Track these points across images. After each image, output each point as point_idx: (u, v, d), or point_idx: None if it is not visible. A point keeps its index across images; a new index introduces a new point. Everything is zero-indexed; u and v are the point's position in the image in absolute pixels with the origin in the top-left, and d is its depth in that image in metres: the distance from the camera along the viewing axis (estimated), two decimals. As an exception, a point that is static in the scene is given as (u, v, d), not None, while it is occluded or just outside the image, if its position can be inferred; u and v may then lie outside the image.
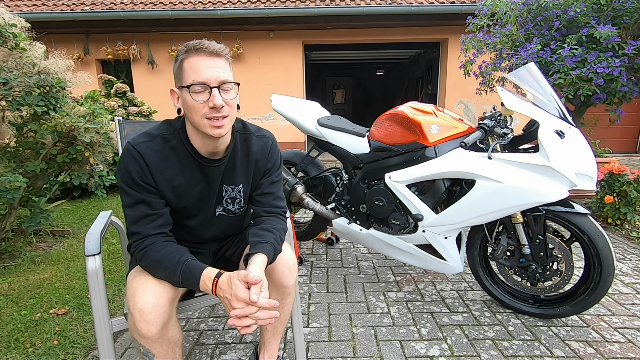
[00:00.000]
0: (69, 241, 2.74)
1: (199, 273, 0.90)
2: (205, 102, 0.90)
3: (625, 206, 2.73)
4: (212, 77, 0.89)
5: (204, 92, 0.90)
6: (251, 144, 1.10)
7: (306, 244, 2.64)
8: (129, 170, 0.94)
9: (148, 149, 0.96)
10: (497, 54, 3.49)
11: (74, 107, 2.46)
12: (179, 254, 0.94)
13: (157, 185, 0.98)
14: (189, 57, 0.90)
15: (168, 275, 0.93)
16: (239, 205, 1.14)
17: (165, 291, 0.93)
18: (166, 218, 1.01)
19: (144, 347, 0.92)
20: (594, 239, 1.46)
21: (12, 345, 1.52)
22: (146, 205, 0.97)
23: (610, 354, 1.42)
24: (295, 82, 6.61)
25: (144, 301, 0.89)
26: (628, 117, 6.42)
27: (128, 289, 0.94)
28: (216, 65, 0.90)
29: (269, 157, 1.13)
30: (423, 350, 1.46)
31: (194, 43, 0.90)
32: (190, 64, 0.90)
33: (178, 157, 1.00)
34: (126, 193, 0.96)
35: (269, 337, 1.23)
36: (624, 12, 2.71)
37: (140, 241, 0.96)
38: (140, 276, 0.95)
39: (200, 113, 0.91)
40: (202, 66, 0.89)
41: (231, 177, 1.09)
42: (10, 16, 2.30)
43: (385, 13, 5.80)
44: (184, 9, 5.84)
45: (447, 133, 1.65)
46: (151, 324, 0.89)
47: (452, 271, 1.73)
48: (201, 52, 0.90)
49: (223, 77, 0.91)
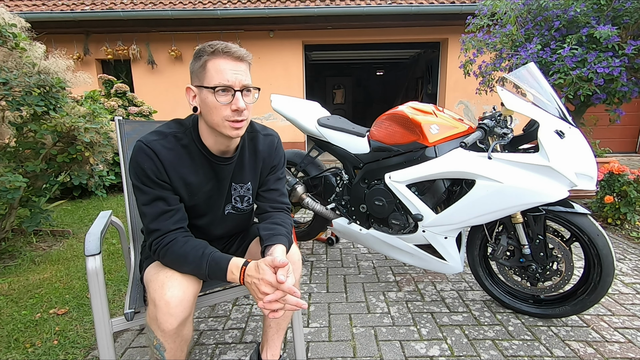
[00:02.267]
0: (69, 241, 2.74)
1: (225, 264, 0.93)
2: (228, 104, 0.92)
3: (625, 206, 2.73)
4: (236, 81, 0.92)
5: (227, 95, 0.92)
6: (258, 142, 1.13)
7: (306, 244, 2.64)
8: (144, 167, 0.95)
9: (161, 147, 0.97)
10: (497, 54, 3.49)
11: (74, 107, 2.46)
12: (202, 247, 0.96)
13: (171, 182, 0.99)
14: (215, 59, 0.91)
15: (194, 269, 0.94)
16: (247, 203, 1.17)
17: (191, 286, 0.96)
18: (183, 213, 1.02)
19: (158, 339, 0.93)
20: (594, 239, 1.46)
21: (12, 345, 1.52)
22: (163, 201, 0.98)
23: (610, 354, 1.42)
24: (295, 82, 6.61)
25: (171, 294, 0.90)
26: (628, 117, 6.43)
27: (154, 281, 0.95)
28: (240, 69, 0.93)
29: (275, 154, 1.17)
30: (423, 350, 1.46)
31: (221, 46, 0.91)
32: (215, 66, 0.91)
33: (190, 155, 1.01)
34: (142, 191, 0.97)
35: (271, 335, 1.23)
36: (624, 12, 2.71)
37: (161, 238, 0.97)
38: (166, 270, 0.96)
39: (222, 115, 0.93)
40: (227, 69, 0.91)
41: (240, 176, 1.12)
42: (10, 16, 2.30)
43: (385, 13, 5.80)
44: (184, 9, 5.84)
45: (447, 133, 1.65)
46: (174, 318, 0.90)
47: (452, 271, 1.73)
48: (228, 55, 0.91)
49: (246, 82, 0.94)
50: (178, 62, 6.52)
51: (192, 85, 0.96)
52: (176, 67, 6.55)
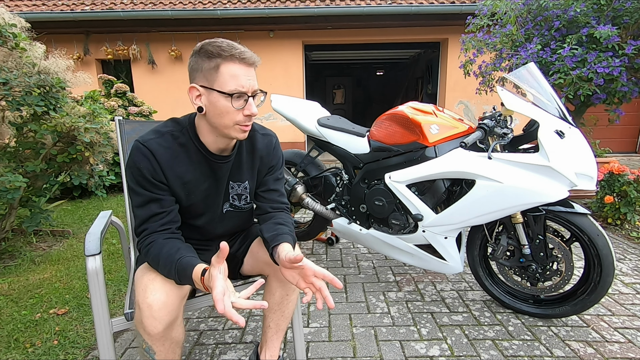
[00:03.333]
0: (69, 241, 2.74)
1: (190, 271, 0.88)
2: (241, 109, 0.93)
3: (625, 206, 2.73)
4: (249, 87, 0.92)
5: (240, 100, 0.92)
6: (256, 141, 1.13)
7: (306, 244, 2.63)
8: (140, 167, 0.94)
9: (158, 145, 0.96)
10: (497, 54, 3.49)
11: (74, 107, 2.46)
12: (175, 251, 0.92)
13: (168, 181, 0.98)
14: (229, 63, 0.90)
15: (167, 274, 0.92)
16: (245, 201, 1.17)
17: (175, 289, 0.94)
18: (174, 215, 1.01)
19: (147, 343, 0.92)
20: (594, 239, 1.46)
21: (12, 345, 1.52)
22: (157, 203, 0.97)
23: (610, 354, 1.42)
24: (295, 82, 6.61)
25: (154, 297, 0.89)
26: (628, 117, 6.43)
27: (138, 284, 0.94)
28: (252, 74, 0.94)
29: (273, 154, 1.17)
30: (423, 350, 1.46)
31: (237, 51, 0.91)
32: (230, 71, 0.90)
33: (187, 154, 1.01)
34: (136, 193, 0.96)
35: (271, 335, 1.23)
36: (624, 12, 2.71)
37: (145, 237, 0.96)
38: (150, 272, 0.95)
39: (234, 120, 0.94)
40: (241, 75, 0.91)
41: (237, 174, 1.12)
42: (10, 16, 2.30)
43: (385, 13, 5.80)
44: (184, 9, 5.84)
45: (447, 133, 1.65)
46: (158, 321, 0.89)
47: (452, 271, 1.73)
48: (243, 61, 0.92)
49: (256, 87, 0.95)
50: (178, 62, 6.52)
51: (197, 84, 0.92)
52: (176, 67, 6.55)
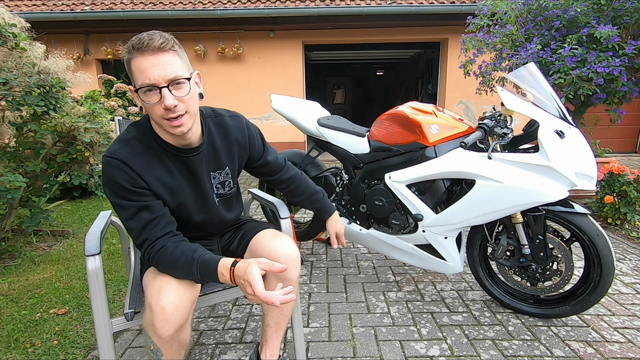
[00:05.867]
0: (69, 241, 2.74)
1: (215, 265, 0.90)
2: (157, 103, 0.87)
3: (625, 206, 2.73)
4: (159, 77, 0.85)
5: (155, 94, 0.86)
6: (227, 125, 1.11)
7: (306, 244, 2.63)
8: (117, 180, 0.92)
9: (127, 153, 0.94)
10: (497, 54, 3.49)
11: (74, 107, 2.46)
12: (192, 250, 0.94)
13: (149, 185, 0.96)
14: (133, 58, 0.85)
15: (186, 275, 0.92)
16: (229, 186, 1.16)
17: (188, 292, 0.94)
18: (169, 217, 1.00)
19: (155, 344, 0.92)
20: (594, 239, 1.46)
21: (12, 345, 1.52)
22: (147, 210, 0.95)
23: (610, 354, 1.42)
24: (295, 82, 6.61)
25: (167, 300, 0.89)
26: (628, 117, 6.42)
27: (151, 285, 0.93)
28: (161, 62, 0.85)
29: (248, 134, 1.16)
30: (423, 350, 1.46)
31: (135, 42, 0.84)
32: (136, 65, 0.85)
33: (157, 154, 0.99)
34: (123, 207, 0.94)
35: (271, 334, 1.23)
36: (624, 12, 2.71)
37: (150, 247, 0.95)
38: (163, 275, 0.95)
39: (158, 114, 0.89)
40: (147, 66, 0.84)
41: (216, 163, 1.10)
42: (10, 16, 2.30)
43: (385, 13, 5.80)
44: (184, 9, 5.84)
45: (447, 133, 1.65)
46: (170, 324, 0.88)
47: (452, 271, 1.73)
48: (143, 51, 0.84)
49: (171, 75, 0.86)
50: (178, 62, 6.51)
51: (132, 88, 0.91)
52: (176, 67, 6.53)
